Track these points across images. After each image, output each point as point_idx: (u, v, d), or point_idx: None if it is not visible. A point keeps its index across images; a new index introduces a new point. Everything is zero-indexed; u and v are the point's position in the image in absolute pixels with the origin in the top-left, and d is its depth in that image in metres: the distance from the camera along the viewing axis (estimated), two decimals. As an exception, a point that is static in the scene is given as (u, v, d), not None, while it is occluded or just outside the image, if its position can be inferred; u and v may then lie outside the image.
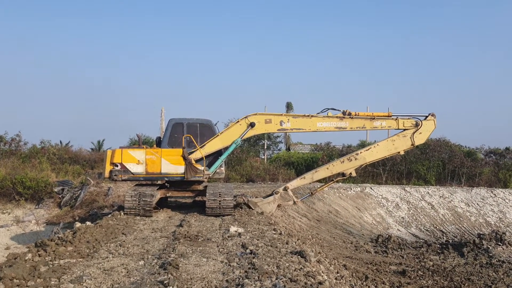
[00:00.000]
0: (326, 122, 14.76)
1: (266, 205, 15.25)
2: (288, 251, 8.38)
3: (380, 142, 15.31)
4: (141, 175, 13.87)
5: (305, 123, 14.71)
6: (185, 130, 14.50)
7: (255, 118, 14.66)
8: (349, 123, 14.79)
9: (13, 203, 22.24)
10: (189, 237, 9.74)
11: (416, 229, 23.70)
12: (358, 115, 14.87)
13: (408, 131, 14.95)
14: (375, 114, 14.96)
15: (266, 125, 14.74)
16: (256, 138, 42.38)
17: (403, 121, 14.99)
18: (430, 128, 15.05)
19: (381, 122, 14.95)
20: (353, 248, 16.67)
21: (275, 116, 14.71)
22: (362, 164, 15.33)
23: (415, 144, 14.95)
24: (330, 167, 15.33)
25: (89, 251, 8.32)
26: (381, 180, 32.59)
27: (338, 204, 23.66)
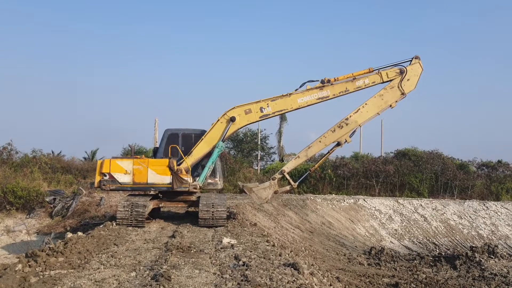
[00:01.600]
0: (306, 96, 14.15)
1: (261, 190, 14.72)
2: (281, 263, 8.35)
3: (368, 101, 14.30)
4: (128, 185, 13.91)
5: (285, 103, 14.18)
6: (180, 140, 14.54)
7: (234, 111, 14.18)
8: (330, 90, 14.13)
9: (4, 212, 22.02)
10: (182, 249, 9.68)
11: (409, 242, 23.69)
12: (338, 79, 14.16)
13: (394, 81, 14.12)
14: (356, 74, 14.16)
15: (247, 116, 14.25)
16: (249, 149, 42.38)
17: (386, 72, 14.14)
18: (417, 72, 14.16)
19: (363, 80, 14.18)
20: (346, 260, 16.63)
21: (254, 104, 14.21)
22: (354, 128, 14.32)
23: (406, 93, 14.07)
24: (323, 139, 14.48)
25: (81, 262, 8.25)
26: (374, 192, 32.61)
27: (331, 216, 23.63)
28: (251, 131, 43.13)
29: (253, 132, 43.02)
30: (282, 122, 46.19)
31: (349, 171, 33.32)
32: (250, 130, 43.17)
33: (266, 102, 14.17)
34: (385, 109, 14.34)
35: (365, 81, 14.18)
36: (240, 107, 14.26)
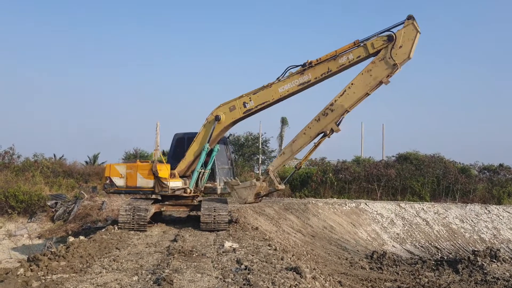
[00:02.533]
0: (287, 84, 12.76)
1: (242, 190, 13.53)
2: (283, 267, 8.33)
3: (354, 79, 12.15)
4: (122, 188, 14.48)
5: (267, 94, 13.09)
6: (186, 143, 14.61)
7: (219, 110, 13.74)
8: (311, 74, 12.42)
9: (5, 216, 22.03)
10: (184, 252, 9.67)
11: (411, 246, 23.63)
12: (320, 59, 12.34)
13: (383, 52, 11.69)
14: (339, 50, 12.13)
15: (232, 113, 13.56)
16: (250, 153, 42.35)
17: (372, 43, 11.80)
18: (411, 35, 11.42)
19: (347, 56, 12.07)
20: (348, 264, 16.58)
21: (237, 100, 13.47)
22: (342, 114, 12.39)
23: (399, 63, 11.50)
24: (307, 131, 12.83)
25: (82, 266, 8.25)
26: (375, 196, 32.55)
27: (333, 220, 23.58)
28: (252, 135, 43.17)
29: (254, 136, 43.03)
30: (283, 126, 46.26)
31: (350, 175, 33.28)
32: (251, 134, 43.22)
33: (248, 96, 13.36)
34: (375, 87, 12.01)
35: (349, 56, 12.08)
36: (224, 104, 13.70)
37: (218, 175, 15.32)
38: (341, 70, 12.32)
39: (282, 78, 12.87)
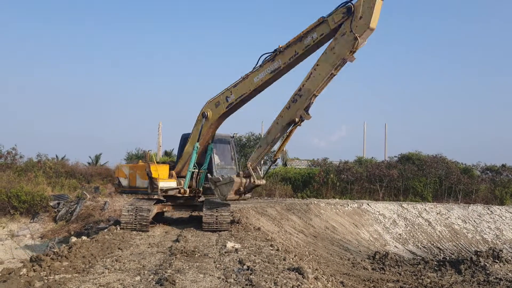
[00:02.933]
0: (261, 73, 12.26)
1: (222, 186, 12.82)
2: (285, 267, 8.33)
3: (318, 60, 11.22)
4: (126, 188, 15.08)
5: (245, 85, 12.72)
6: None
7: (206, 107, 13.64)
8: (281, 59, 11.84)
9: (8, 217, 22.07)
10: (186, 253, 9.68)
11: (413, 246, 23.60)
12: (289, 43, 11.72)
13: (344, 25, 10.67)
14: (304, 31, 11.42)
15: (217, 109, 13.38)
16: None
17: (333, 17, 10.82)
18: (370, 3, 10.25)
19: (311, 35, 11.25)
20: (350, 265, 16.56)
21: (221, 95, 13.25)
22: (310, 98, 11.40)
23: (359, 35, 10.36)
24: (280, 120, 12.11)
25: (85, 266, 8.26)
26: (378, 196, 32.53)
27: (335, 220, 23.56)
28: (254, 135, 43.18)
29: (256, 137, 43.04)
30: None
31: (352, 176, 33.27)
32: (253, 134, 43.24)
33: (230, 90, 13.03)
34: (340, 65, 10.98)
35: (313, 36, 11.23)
36: (211, 101, 13.54)
37: (216, 175, 15.26)
38: (308, 52, 11.60)
39: (256, 67, 12.39)
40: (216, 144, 15.03)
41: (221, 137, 15.30)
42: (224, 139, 15.29)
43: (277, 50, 11.87)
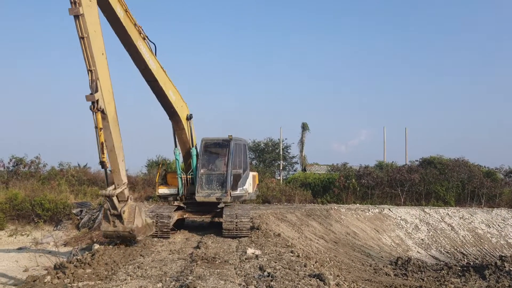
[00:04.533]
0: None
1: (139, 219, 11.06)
2: (306, 274, 8.31)
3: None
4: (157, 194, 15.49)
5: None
6: (202, 148, 14.80)
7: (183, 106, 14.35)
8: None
9: (32, 225, 22.48)
10: (207, 259, 9.72)
11: (436, 251, 23.27)
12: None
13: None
14: None
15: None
16: (271, 159, 42.34)
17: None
18: None
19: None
20: (372, 271, 16.40)
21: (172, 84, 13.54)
22: (97, 81, 9.44)
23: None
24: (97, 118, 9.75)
25: (108, 273, 8.36)
26: (399, 201, 32.17)
27: (356, 226, 23.39)
28: (272, 141, 43.18)
29: (274, 142, 43.04)
30: (304, 131, 46.10)
31: (373, 180, 32.98)
32: (271, 140, 43.23)
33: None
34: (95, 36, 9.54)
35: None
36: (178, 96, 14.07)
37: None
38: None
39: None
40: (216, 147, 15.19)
41: (217, 141, 15.13)
42: (237, 144, 15.05)
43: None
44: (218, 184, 14.10)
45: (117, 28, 10.93)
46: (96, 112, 9.47)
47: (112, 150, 10.05)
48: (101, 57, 9.62)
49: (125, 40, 11.28)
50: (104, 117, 9.67)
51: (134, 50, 11.57)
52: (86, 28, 9.16)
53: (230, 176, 13.95)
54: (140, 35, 11.66)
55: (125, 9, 10.90)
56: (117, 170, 10.35)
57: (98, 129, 9.56)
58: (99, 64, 9.47)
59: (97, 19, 9.63)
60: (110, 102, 9.84)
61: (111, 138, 9.93)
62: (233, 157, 14.34)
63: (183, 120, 14.19)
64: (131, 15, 11.16)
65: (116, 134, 10.08)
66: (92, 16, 9.43)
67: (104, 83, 9.59)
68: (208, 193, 13.98)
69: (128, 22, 11.03)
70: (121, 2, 10.69)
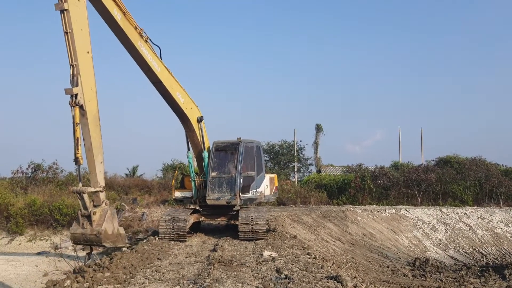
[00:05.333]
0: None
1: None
2: (323, 275, 8.29)
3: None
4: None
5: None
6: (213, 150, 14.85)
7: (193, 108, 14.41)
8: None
9: (51, 229, 22.76)
10: (223, 262, 9.76)
11: (454, 252, 23.01)
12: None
13: None
14: None
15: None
16: (286, 161, 42.27)
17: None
18: None
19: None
20: (389, 272, 16.29)
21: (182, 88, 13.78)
22: (79, 76, 9.33)
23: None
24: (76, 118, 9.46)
25: (126, 276, 8.44)
26: (416, 201, 31.88)
27: (372, 227, 23.25)
28: (286, 142, 43.12)
29: (289, 144, 42.98)
30: (318, 133, 45.97)
31: (389, 181, 32.73)
32: (286, 142, 43.18)
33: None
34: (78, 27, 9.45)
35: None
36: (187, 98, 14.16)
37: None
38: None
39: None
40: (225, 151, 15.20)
41: (227, 143, 15.11)
42: (249, 146, 14.95)
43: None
44: (228, 187, 14.08)
45: (115, 30, 11.09)
46: (74, 106, 9.28)
47: (90, 149, 9.65)
48: (86, 55, 9.60)
49: (125, 42, 11.46)
50: (83, 114, 9.48)
51: (134, 52, 11.74)
52: (70, 23, 9.20)
53: (240, 179, 13.93)
54: (141, 38, 11.77)
55: (124, 12, 10.99)
56: (93, 171, 9.89)
57: (75, 124, 9.30)
58: (83, 62, 9.46)
59: (85, 18, 9.63)
60: (91, 100, 9.65)
61: (89, 137, 9.61)
62: (243, 159, 14.32)
63: (193, 122, 14.27)
64: (131, 18, 11.27)
65: (95, 134, 9.76)
66: (79, 14, 9.45)
67: (86, 81, 9.51)
68: (218, 196, 14.01)
69: (127, 24, 11.16)
70: (118, 5, 10.79)
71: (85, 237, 9.70)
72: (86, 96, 9.46)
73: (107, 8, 10.42)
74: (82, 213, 9.64)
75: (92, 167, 9.85)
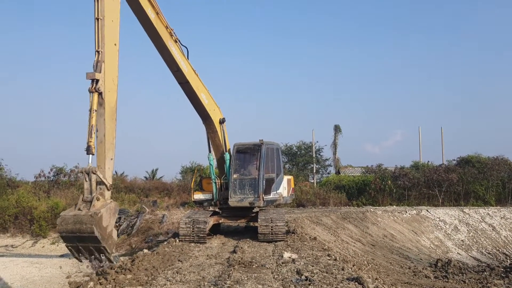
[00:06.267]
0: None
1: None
2: (344, 277, 8.25)
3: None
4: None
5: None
6: (235, 153, 14.87)
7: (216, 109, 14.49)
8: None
9: (73, 232, 23.09)
10: (244, 264, 9.78)
11: (477, 252, 22.66)
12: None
13: None
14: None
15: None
16: (304, 162, 42.16)
17: None
18: None
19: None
20: (411, 274, 16.11)
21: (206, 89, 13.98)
22: (103, 63, 9.11)
23: None
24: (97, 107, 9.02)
25: (148, 278, 8.53)
26: (437, 202, 31.49)
27: (393, 228, 23.03)
28: (304, 144, 43.01)
29: (307, 145, 42.87)
30: (336, 134, 45.79)
31: (409, 181, 32.41)
32: (304, 143, 43.08)
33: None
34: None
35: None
36: (210, 99, 14.22)
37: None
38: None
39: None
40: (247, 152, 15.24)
41: (249, 146, 15.07)
42: (269, 148, 14.88)
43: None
44: (250, 188, 14.10)
45: (148, 29, 11.26)
46: (93, 92, 8.86)
47: (102, 142, 8.97)
48: (113, 47, 9.48)
49: (156, 41, 11.63)
50: (101, 103, 9.02)
51: (166, 52, 11.90)
52: (103, 11, 9.15)
53: (262, 181, 13.97)
54: (171, 37, 11.96)
55: (157, 12, 11.20)
56: (102, 166, 9.05)
57: (92, 110, 8.82)
58: (109, 52, 9.32)
59: (117, 11, 9.60)
60: (111, 91, 9.33)
61: (103, 128, 8.97)
62: (265, 161, 14.36)
63: (215, 123, 14.39)
64: (163, 18, 11.47)
65: (110, 127, 9.18)
66: (113, 6, 9.42)
67: (109, 71, 9.27)
68: (241, 197, 14.04)
69: (160, 24, 11.37)
70: (152, 4, 10.99)
71: (76, 219, 8.15)
72: (107, 85, 9.13)
73: (142, 6, 10.62)
74: (83, 197, 8.61)
75: (102, 162, 9.03)
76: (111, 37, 9.40)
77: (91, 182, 8.64)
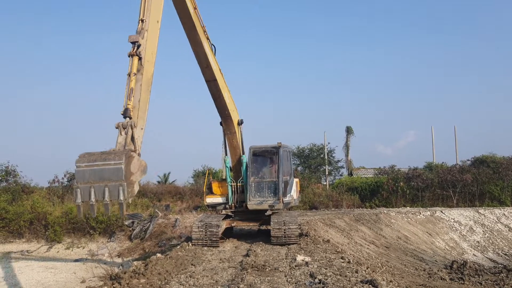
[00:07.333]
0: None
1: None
2: (358, 280, 8.19)
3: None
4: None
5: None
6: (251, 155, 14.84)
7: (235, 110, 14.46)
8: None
9: (87, 237, 23.30)
10: (257, 267, 9.76)
11: (493, 254, 22.35)
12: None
13: None
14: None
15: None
16: (317, 164, 42.02)
17: None
18: None
19: None
20: (426, 276, 15.93)
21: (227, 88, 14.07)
22: (146, 32, 9.08)
23: None
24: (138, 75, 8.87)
25: (161, 282, 8.55)
26: (451, 203, 31.17)
27: (407, 230, 22.82)
28: (316, 146, 42.88)
29: (318, 147, 42.73)
30: (348, 135, 45.56)
31: (423, 182, 32.12)
32: (315, 145, 42.95)
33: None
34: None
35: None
36: (229, 100, 14.17)
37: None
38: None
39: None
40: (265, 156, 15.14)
41: (266, 148, 14.98)
42: (278, 150, 14.68)
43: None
44: (269, 191, 14.16)
45: (187, 23, 11.49)
46: (134, 55, 8.67)
47: (136, 107, 8.59)
48: (155, 24, 9.48)
49: (193, 36, 11.81)
50: (139, 69, 8.81)
51: (199, 47, 12.10)
52: None
53: (282, 183, 14.00)
54: (204, 34, 12.18)
55: (194, 7, 11.48)
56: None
57: (132, 74, 8.59)
58: (151, 26, 9.28)
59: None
60: (149, 62, 9.15)
61: (139, 94, 8.66)
62: (282, 164, 14.38)
63: (235, 124, 14.48)
64: (199, 13, 11.76)
65: (144, 96, 8.88)
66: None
67: (150, 44, 9.14)
68: (260, 200, 14.06)
69: (197, 18, 11.64)
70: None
71: (103, 153, 7.67)
72: (147, 56, 8.94)
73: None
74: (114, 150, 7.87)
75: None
76: (155, 13, 9.44)
77: (127, 136, 8.05)
